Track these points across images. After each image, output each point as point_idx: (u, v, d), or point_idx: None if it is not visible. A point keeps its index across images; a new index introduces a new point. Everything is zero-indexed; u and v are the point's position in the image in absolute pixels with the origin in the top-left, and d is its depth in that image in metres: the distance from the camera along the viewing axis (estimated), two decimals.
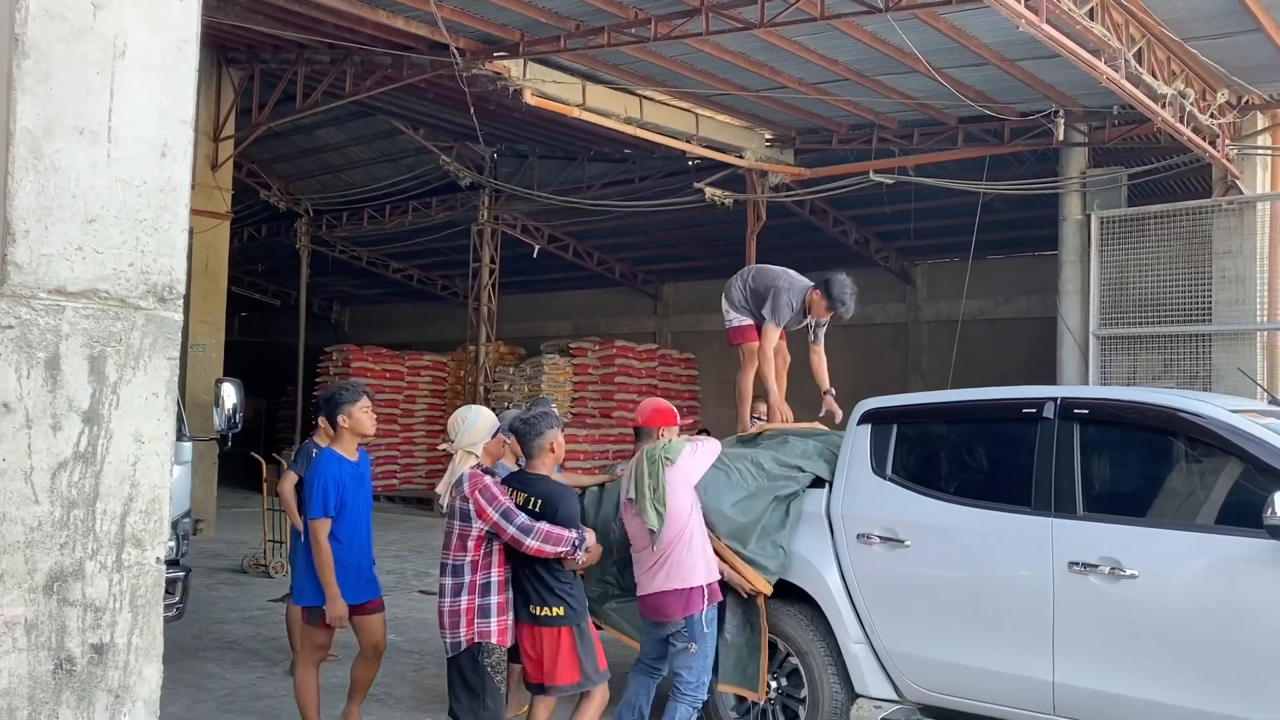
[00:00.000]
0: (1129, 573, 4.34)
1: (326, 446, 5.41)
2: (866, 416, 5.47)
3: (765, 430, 6.26)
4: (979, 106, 10.60)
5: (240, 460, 14.90)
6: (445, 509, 4.63)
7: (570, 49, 10.21)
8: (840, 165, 13.26)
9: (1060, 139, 11.36)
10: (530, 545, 4.42)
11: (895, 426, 5.35)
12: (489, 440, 4.77)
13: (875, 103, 11.66)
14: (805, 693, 5.25)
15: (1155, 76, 8.86)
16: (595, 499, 5.79)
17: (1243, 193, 10.33)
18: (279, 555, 10.64)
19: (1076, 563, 4.46)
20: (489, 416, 4.86)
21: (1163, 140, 10.48)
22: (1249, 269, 10.18)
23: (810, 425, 6.39)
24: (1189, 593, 4.29)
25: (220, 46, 13.74)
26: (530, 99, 10.79)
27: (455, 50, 9.93)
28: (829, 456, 5.58)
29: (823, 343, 6.99)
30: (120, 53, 2.19)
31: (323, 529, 5.05)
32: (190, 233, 3.02)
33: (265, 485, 11.34)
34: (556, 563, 4.58)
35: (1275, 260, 10.22)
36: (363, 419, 5.22)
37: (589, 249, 19.51)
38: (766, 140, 13.43)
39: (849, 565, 5.19)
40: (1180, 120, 9.31)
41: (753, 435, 6.20)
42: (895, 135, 12.60)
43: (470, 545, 4.49)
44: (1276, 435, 4.26)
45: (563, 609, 4.60)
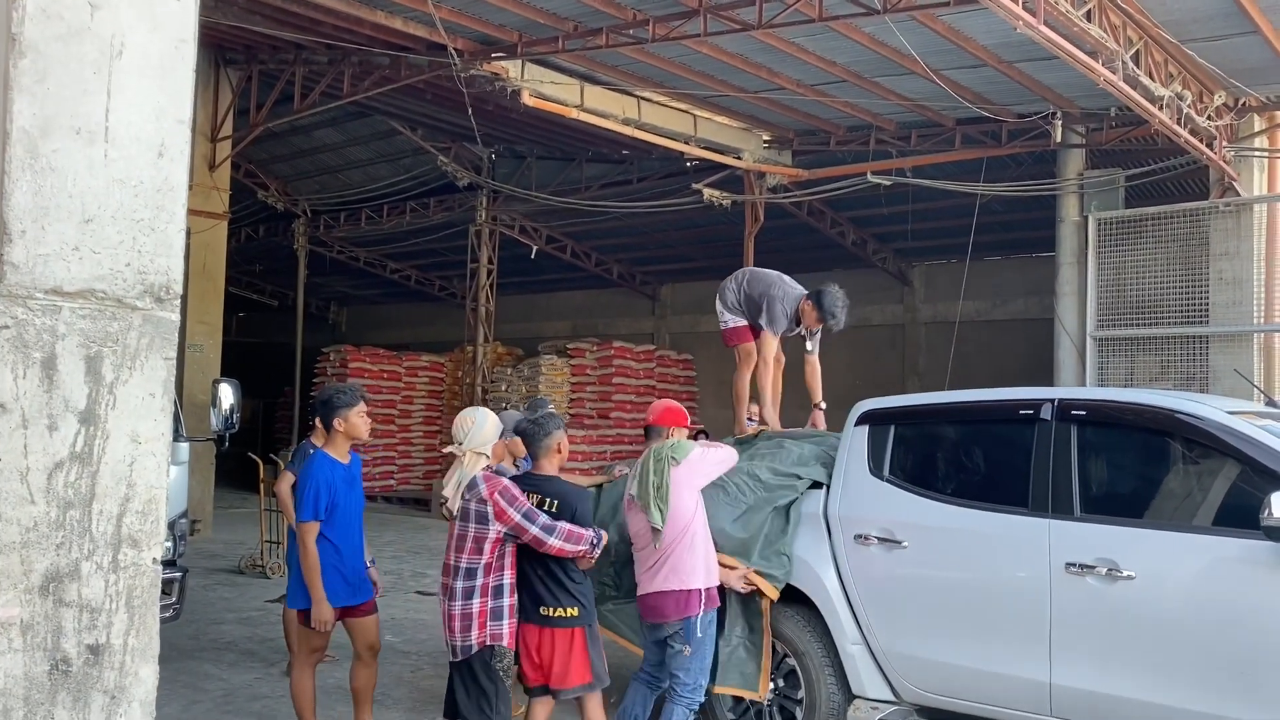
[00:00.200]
0: (1126, 574, 4.34)
1: (319, 449, 5.38)
2: (864, 418, 5.47)
3: (763, 431, 6.26)
4: (976, 108, 10.60)
5: (237, 461, 14.87)
6: (456, 512, 4.55)
7: (568, 50, 10.21)
8: (838, 166, 13.26)
9: (1058, 140, 11.37)
10: (553, 545, 4.43)
11: (892, 427, 5.35)
12: (496, 442, 4.78)
13: (873, 104, 11.66)
14: (802, 694, 5.25)
15: (1152, 78, 8.86)
16: (592, 500, 5.79)
17: (1240, 195, 10.33)
18: (276, 556, 10.63)
19: (1073, 564, 4.46)
20: (496, 418, 4.87)
21: (1160, 142, 10.49)
22: (1246, 271, 10.19)
23: (808, 429, 6.39)
24: (1186, 594, 4.29)
25: (218, 47, 13.73)
26: (528, 100, 10.80)
27: (453, 51, 9.92)
28: (827, 460, 5.57)
29: (818, 353, 6.94)
30: (117, 52, 2.18)
31: (311, 532, 5.03)
32: (187, 233, 3.01)
33: (262, 486, 11.32)
34: (571, 562, 4.60)
35: (1272, 262, 10.23)
36: (358, 423, 5.21)
37: (587, 250, 19.50)
38: (764, 141, 13.43)
39: (846, 566, 5.19)
40: (1177, 122, 9.31)
41: (750, 436, 6.20)
42: (893, 136, 12.60)
43: (486, 548, 4.43)
44: (1273, 437, 4.26)
45: (577, 609, 4.63)
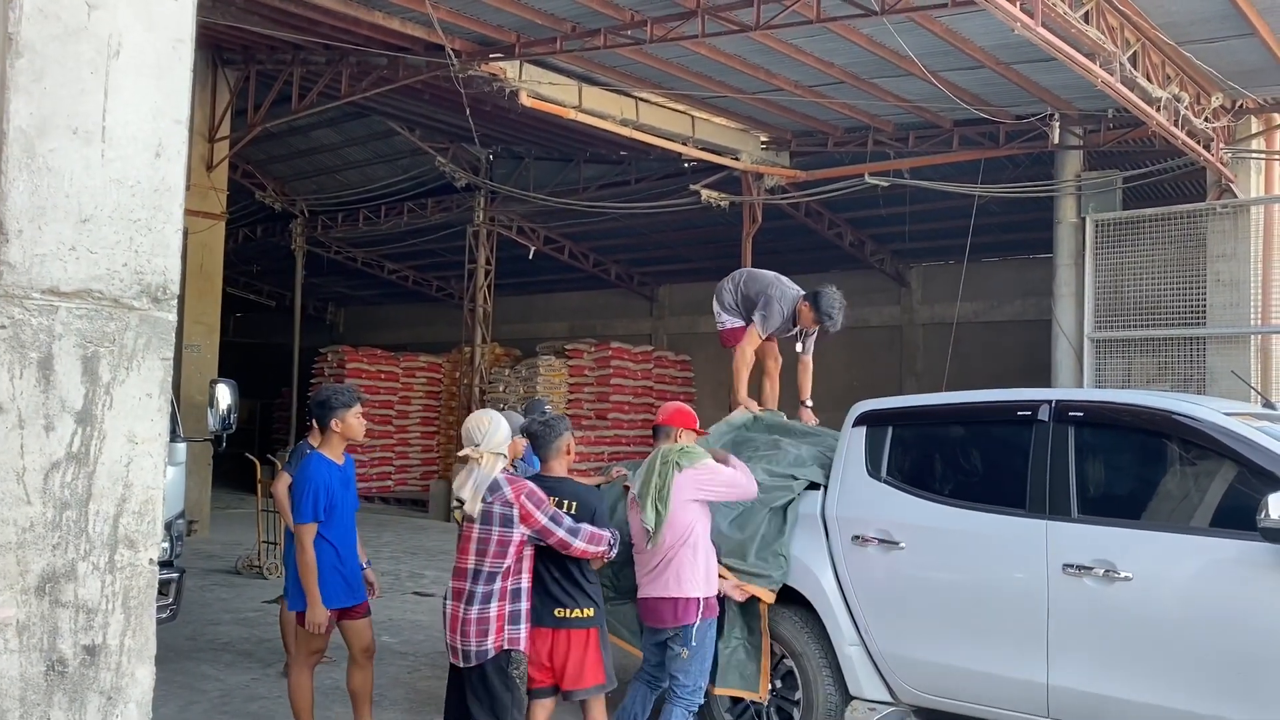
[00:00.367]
0: (1123, 575, 4.34)
1: (314, 450, 5.36)
2: (861, 418, 5.47)
3: (764, 411, 6.34)
4: (974, 109, 10.61)
5: (235, 461, 14.87)
6: (475, 515, 4.43)
7: (566, 51, 10.20)
8: (836, 168, 13.25)
9: (1055, 142, 11.37)
10: (577, 546, 4.44)
11: (890, 428, 5.35)
12: (509, 443, 4.79)
13: (871, 105, 11.67)
14: (800, 695, 5.25)
15: (1150, 80, 8.87)
16: None
17: (1237, 196, 10.34)
18: (273, 556, 10.62)
19: (1071, 565, 4.47)
20: (505, 420, 4.87)
21: (1157, 144, 10.49)
22: (1243, 272, 10.20)
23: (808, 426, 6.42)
24: (1183, 595, 4.29)
25: (215, 47, 13.72)
26: (526, 100, 10.80)
27: (451, 51, 9.92)
28: (824, 461, 5.57)
29: (811, 353, 6.97)
30: (115, 52, 2.18)
31: (309, 534, 5.02)
32: (185, 233, 3.01)
33: (260, 486, 11.32)
34: (586, 563, 4.61)
35: (1269, 264, 10.24)
36: (355, 425, 5.21)
37: (585, 250, 19.49)
38: (762, 143, 13.43)
39: (844, 567, 5.20)
40: (1175, 124, 9.32)
41: (751, 417, 6.27)
42: (891, 138, 12.60)
43: (510, 551, 4.38)
44: (1270, 438, 4.27)
45: (593, 610, 4.65)
